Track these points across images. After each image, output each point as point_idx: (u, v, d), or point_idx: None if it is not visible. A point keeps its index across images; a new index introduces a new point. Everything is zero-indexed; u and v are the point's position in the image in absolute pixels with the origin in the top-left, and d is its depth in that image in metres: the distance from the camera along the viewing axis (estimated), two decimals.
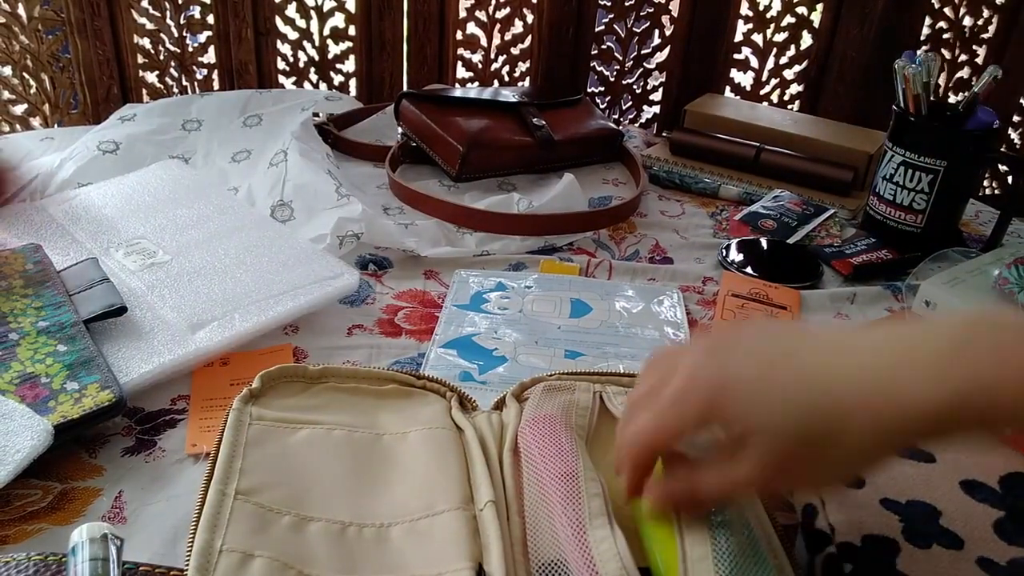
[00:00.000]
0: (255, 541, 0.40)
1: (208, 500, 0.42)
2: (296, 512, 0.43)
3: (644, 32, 1.22)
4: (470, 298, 0.74)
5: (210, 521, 0.41)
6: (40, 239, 0.73)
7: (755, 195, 0.99)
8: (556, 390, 0.53)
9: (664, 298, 0.76)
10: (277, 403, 0.51)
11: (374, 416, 0.52)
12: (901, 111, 0.85)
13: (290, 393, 0.52)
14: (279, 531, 0.42)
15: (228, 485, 0.43)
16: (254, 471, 0.45)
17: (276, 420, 0.49)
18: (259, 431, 0.48)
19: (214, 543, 0.40)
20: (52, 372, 0.55)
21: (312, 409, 0.51)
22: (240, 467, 0.45)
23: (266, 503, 0.43)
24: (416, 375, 0.55)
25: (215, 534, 0.40)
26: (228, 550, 0.39)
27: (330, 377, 0.53)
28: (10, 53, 1.03)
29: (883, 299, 0.80)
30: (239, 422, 0.48)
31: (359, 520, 0.44)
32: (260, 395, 0.51)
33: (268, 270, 0.70)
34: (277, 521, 0.42)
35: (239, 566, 0.39)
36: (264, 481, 0.44)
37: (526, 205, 0.89)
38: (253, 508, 0.42)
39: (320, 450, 0.48)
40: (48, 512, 0.49)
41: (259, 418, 0.49)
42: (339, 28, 1.15)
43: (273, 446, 0.47)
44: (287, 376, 0.53)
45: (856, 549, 0.44)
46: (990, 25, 1.14)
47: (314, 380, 0.53)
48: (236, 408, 0.49)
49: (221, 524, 0.41)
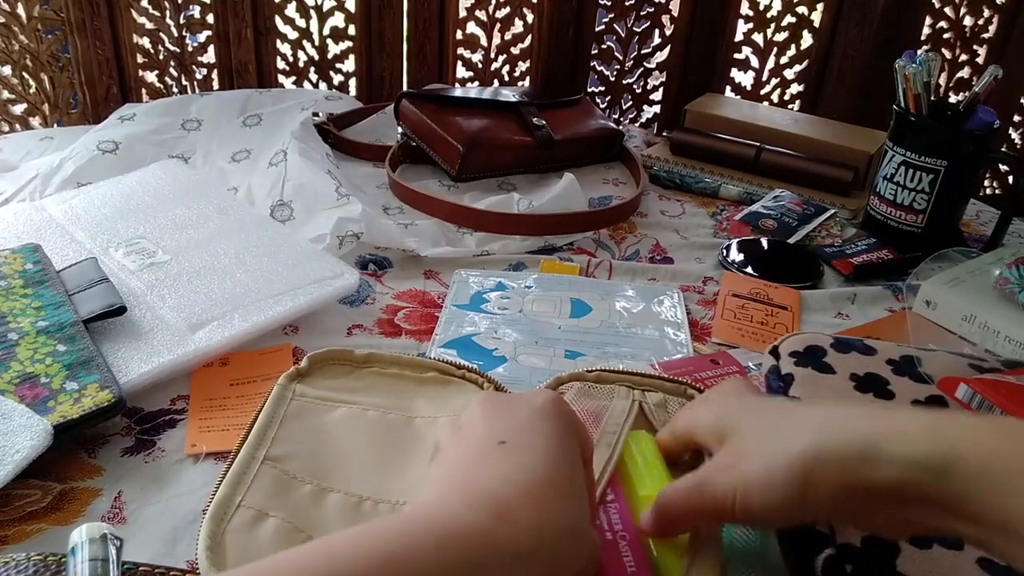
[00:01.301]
0: (273, 503, 0.43)
1: (237, 459, 0.45)
2: (318, 482, 0.45)
3: (644, 32, 1.22)
4: (470, 298, 0.74)
5: (235, 478, 0.44)
6: (40, 239, 0.72)
7: (755, 195, 0.99)
8: (592, 397, 0.52)
9: (664, 298, 0.76)
10: (321, 383, 0.53)
11: (410, 400, 0.53)
12: (901, 111, 0.85)
13: (335, 375, 0.54)
14: (298, 497, 0.44)
15: (259, 450, 0.46)
16: (286, 440, 0.47)
17: (317, 398, 0.51)
18: (299, 406, 0.50)
19: (234, 498, 0.43)
20: (51, 372, 0.55)
21: (353, 391, 0.53)
22: (274, 436, 0.47)
23: (291, 471, 0.45)
24: (457, 365, 0.56)
25: (237, 490, 0.43)
26: (246, 506, 0.42)
27: (375, 363, 0.56)
28: (10, 53, 1.03)
29: (884, 299, 0.80)
30: (281, 396, 0.51)
31: (377, 496, 0.45)
32: (306, 375, 0.53)
33: (268, 270, 0.70)
34: (298, 488, 0.45)
35: (252, 522, 0.41)
36: (294, 450, 0.47)
37: (526, 205, 0.89)
38: (278, 473, 0.45)
39: (353, 428, 0.50)
40: (48, 512, 0.49)
41: (301, 395, 0.51)
42: (339, 28, 1.15)
43: (309, 421, 0.50)
44: (334, 359, 0.55)
45: (856, 550, 0.44)
46: (990, 25, 1.14)
47: (360, 364, 0.55)
48: (281, 384, 0.51)
49: (244, 483, 0.44)
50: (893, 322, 0.75)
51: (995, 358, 0.60)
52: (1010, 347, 0.67)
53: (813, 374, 0.57)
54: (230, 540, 0.40)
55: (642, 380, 0.54)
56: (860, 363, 0.59)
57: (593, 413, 0.51)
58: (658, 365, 0.66)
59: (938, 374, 0.57)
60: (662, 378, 0.55)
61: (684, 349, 0.69)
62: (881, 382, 0.57)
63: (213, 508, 0.41)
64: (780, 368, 0.60)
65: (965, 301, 0.72)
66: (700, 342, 0.71)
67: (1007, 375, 0.57)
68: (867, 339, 0.62)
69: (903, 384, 0.57)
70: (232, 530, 0.41)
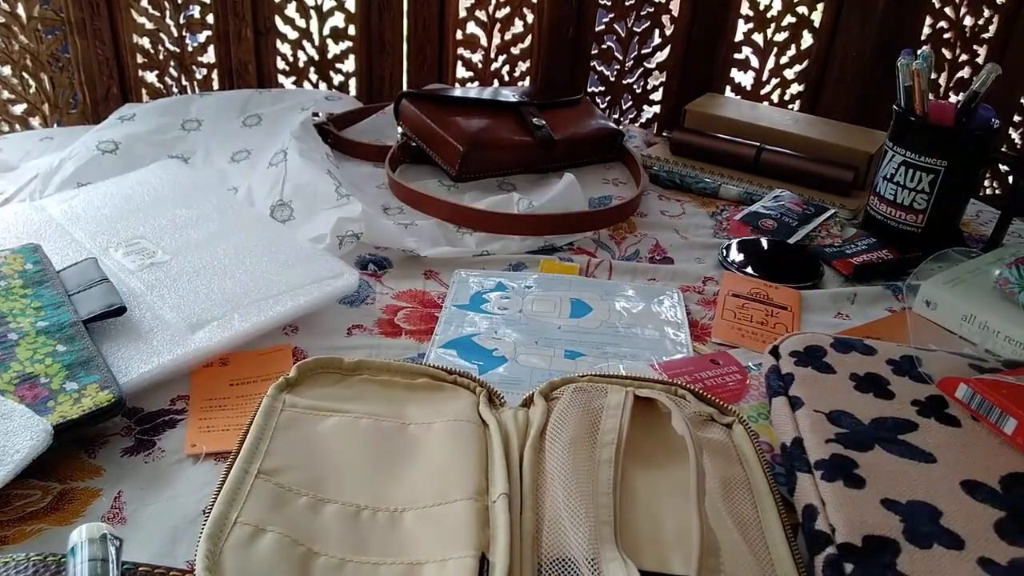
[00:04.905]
0: (270, 517, 0.42)
1: (230, 476, 0.44)
2: (314, 494, 0.45)
3: (644, 32, 1.22)
4: (470, 298, 0.74)
5: (229, 495, 0.43)
6: (40, 239, 0.72)
7: (755, 195, 0.99)
8: (586, 392, 0.53)
9: (664, 298, 0.76)
10: (311, 392, 0.52)
11: (403, 407, 0.53)
12: (902, 111, 0.85)
13: (325, 384, 0.54)
14: (295, 510, 0.43)
15: (252, 464, 0.45)
16: (279, 453, 0.47)
17: (308, 408, 0.51)
18: (290, 417, 0.50)
19: (230, 515, 0.42)
20: (51, 372, 0.55)
21: (344, 399, 0.52)
22: (266, 449, 0.47)
23: (286, 483, 0.45)
24: (448, 370, 0.56)
25: (232, 507, 0.42)
26: (242, 523, 0.41)
27: (364, 370, 0.55)
28: (10, 53, 1.03)
29: (884, 299, 0.80)
30: (271, 408, 0.50)
31: (375, 504, 0.45)
32: (295, 384, 0.53)
33: (268, 270, 0.70)
34: (294, 501, 0.44)
35: (250, 538, 0.41)
36: (287, 463, 0.46)
37: (526, 205, 0.89)
38: (273, 487, 0.44)
39: (346, 437, 0.49)
40: (47, 512, 0.49)
41: (292, 405, 0.51)
42: (339, 28, 1.15)
43: (301, 431, 0.49)
44: (323, 367, 0.54)
45: (857, 549, 0.44)
46: (991, 25, 1.14)
47: (349, 372, 0.55)
48: (270, 395, 0.51)
49: (239, 499, 0.43)
50: (893, 322, 0.75)
51: (995, 358, 0.60)
52: (1010, 347, 0.67)
53: (813, 374, 0.58)
54: (228, 558, 0.39)
55: (632, 382, 0.55)
56: (860, 363, 0.59)
57: (592, 413, 0.51)
58: (658, 365, 0.66)
59: (938, 374, 0.58)
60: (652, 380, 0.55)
61: (684, 349, 0.69)
62: (881, 382, 0.57)
63: (209, 527, 0.40)
64: (780, 368, 0.60)
65: (965, 301, 0.72)
66: (700, 342, 0.71)
67: (1007, 375, 0.57)
68: (867, 339, 0.62)
69: (903, 384, 0.57)
70: (229, 548, 0.40)
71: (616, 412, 0.51)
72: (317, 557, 0.41)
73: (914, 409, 0.55)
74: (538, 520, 0.44)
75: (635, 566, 0.40)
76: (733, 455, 0.50)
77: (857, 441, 0.51)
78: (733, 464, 0.49)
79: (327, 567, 0.41)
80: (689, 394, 0.55)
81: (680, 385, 0.55)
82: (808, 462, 0.50)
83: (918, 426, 0.53)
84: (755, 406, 0.61)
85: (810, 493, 0.48)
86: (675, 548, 0.44)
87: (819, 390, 0.56)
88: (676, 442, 0.49)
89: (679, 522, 0.45)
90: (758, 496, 0.47)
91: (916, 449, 0.51)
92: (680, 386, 0.55)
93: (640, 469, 0.49)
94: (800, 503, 0.49)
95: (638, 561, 0.41)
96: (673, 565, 0.43)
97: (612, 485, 0.45)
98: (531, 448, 0.49)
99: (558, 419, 0.50)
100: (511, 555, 0.41)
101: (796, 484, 0.50)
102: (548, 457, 0.48)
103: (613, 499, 0.44)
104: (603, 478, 0.46)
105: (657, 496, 0.47)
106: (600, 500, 0.44)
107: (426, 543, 0.43)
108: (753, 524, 0.45)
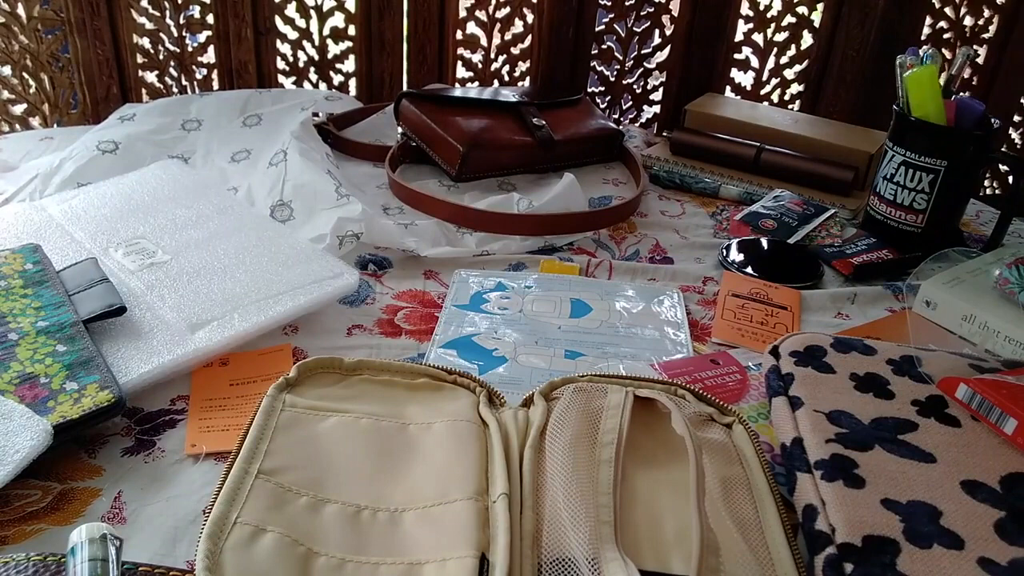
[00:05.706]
0: (270, 517, 0.42)
1: (230, 476, 0.44)
2: (314, 494, 0.45)
3: (644, 32, 1.22)
4: (470, 298, 0.74)
5: (229, 495, 0.43)
6: (40, 239, 0.73)
7: (755, 195, 0.99)
8: (586, 392, 0.53)
9: (664, 298, 0.76)
10: (311, 392, 0.52)
11: (403, 407, 0.53)
12: (901, 111, 0.85)
13: (325, 384, 0.54)
14: (295, 510, 0.43)
15: (252, 464, 0.45)
16: (279, 453, 0.47)
17: (307, 408, 0.51)
18: (290, 417, 0.50)
19: (230, 515, 0.42)
20: (51, 372, 0.55)
21: (344, 399, 0.52)
22: (266, 449, 0.47)
23: (286, 483, 0.45)
24: (448, 370, 0.56)
25: (232, 507, 0.42)
26: (242, 523, 0.41)
27: (364, 370, 0.55)
28: (10, 53, 1.03)
29: (884, 299, 0.80)
30: (271, 408, 0.50)
31: (375, 504, 0.45)
32: (295, 384, 0.53)
33: (268, 270, 0.70)
34: (294, 501, 0.44)
35: (250, 538, 0.41)
36: (287, 463, 0.46)
37: (526, 205, 0.89)
38: (273, 487, 0.44)
39: (346, 436, 0.49)
40: (47, 512, 0.49)
41: (292, 405, 0.51)
42: (339, 28, 1.15)
43: (301, 431, 0.49)
44: (323, 367, 0.54)
45: (856, 549, 0.44)
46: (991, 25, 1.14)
47: (349, 372, 0.55)
48: (270, 395, 0.51)
49: (239, 499, 0.43)
50: (893, 322, 0.75)
51: (995, 358, 0.60)
52: (1010, 347, 0.67)
53: (813, 374, 0.58)
54: (228, 558, 0.39)
55: (632, 382, 0.55)
56: (860, 363, 0.59)
57: (592, 413, 0.51)
58: (658, 365, 0.66)
59: (938, 374, 0.58)
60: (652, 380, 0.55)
61: (684, 349, 0.69)
62: (881, 382, 0.57)
63: (209, 527, 0.40)
64: (780, 368, 0.60)
65: (965, 301, 0.72)
66: (700, 342, 0.71)
67: (1007, 375, 0.57)
68: (867, 339, 0.62)
69: (903, 384, 0.57)
70: (229, 548, 0.40)
71: (616, 412, 0.51)
72: (317, 557, 0.41)
73: (914, 409, 0.55)
74: (538, 520, 0.44)
75: (635, 566, 0.40)
76: (733, 455, 0.50)
77: (857, 441, 0.51)
78: (733, 464, 0.49)
79: (327, 567, 0.41)
80: (689, 394, 0.55)
81: (680, 385, 0.55)
82: (808, 462, 0.50)
83: (918, 426, 0.53)
84: (755, 406, 0.61)
85: (810, 493, 0.48)
86: (675, 548, 0.44)
87: (819, 390, 0.56)
88: (676, 442, 0.49)
89: (679, 522, 0.45)
90: (758, 496, 0.47)
91: (916, 449, 0.51)
92: (680, 386, 0.55)
93: (640, 469, 0.49)
94: (800, 503, 0.49)
95: (638, 561, 0.41)
96: (673, 565, 0.43)
97: (612, 485, 0.45)
98: (531, 448, 0.49)
99: (558, 419, 0.50)
100: (511, 555, 0.41)
101: (796, 484, 0.50)
102: (548, 457, 0.48)
103: (613, 499, 0.44)
104: (603, 478, 0.46)
105: (657, 496, 0.47)
106: (600, 500, 0.44)
107: (426, 543, 0.43)
108: (753, 524, 0.45)
